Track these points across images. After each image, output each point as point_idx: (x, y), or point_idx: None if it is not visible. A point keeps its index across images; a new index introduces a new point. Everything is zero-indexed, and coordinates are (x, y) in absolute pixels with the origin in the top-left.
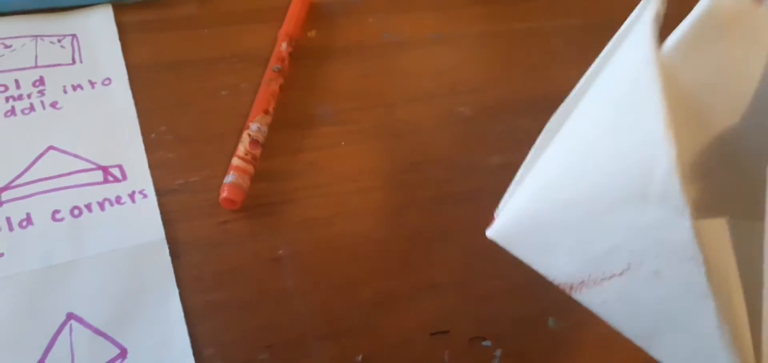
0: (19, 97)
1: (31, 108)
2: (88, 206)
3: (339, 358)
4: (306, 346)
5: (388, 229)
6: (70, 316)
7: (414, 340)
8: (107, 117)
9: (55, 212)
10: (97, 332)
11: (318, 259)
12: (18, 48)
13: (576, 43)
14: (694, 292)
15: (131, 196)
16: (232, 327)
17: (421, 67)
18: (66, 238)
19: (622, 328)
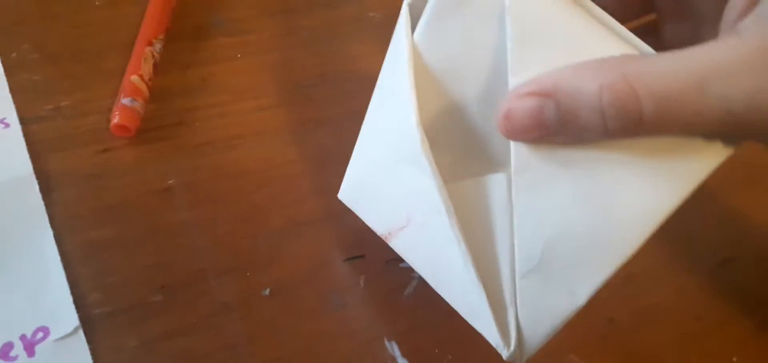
0: None
1: None
2: None
3: (244, 293)
4: (205, 283)
5: (294, 150)
6: None
7: (326, 268)
8: None
9: None
10: None
11: (216, 188)
12: None
13: None
14: (446, 239)
15: None
16: (119, 268)
17: None
18: None
19: (421, 273)
